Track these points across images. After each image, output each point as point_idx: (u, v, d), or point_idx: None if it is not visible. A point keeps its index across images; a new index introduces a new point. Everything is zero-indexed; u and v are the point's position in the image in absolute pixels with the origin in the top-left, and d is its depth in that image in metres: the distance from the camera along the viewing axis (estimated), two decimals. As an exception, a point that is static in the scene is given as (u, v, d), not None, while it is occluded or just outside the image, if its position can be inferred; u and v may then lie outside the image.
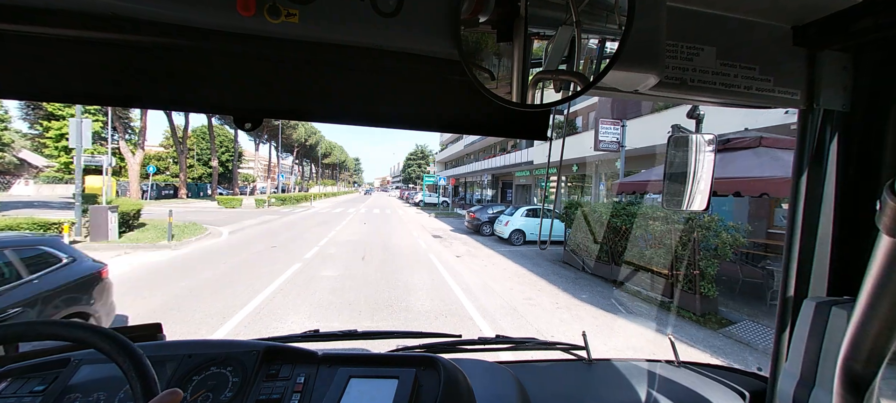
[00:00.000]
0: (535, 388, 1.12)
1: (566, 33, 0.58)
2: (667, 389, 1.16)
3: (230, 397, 0.81)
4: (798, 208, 0.92)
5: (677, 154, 0.94)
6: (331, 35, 0.58)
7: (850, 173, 0.86)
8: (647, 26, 0.59)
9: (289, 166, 60.63)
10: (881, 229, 0.36)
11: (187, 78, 0.61)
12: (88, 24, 0.53)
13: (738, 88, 0.80)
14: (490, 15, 0.58)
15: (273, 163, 53.95)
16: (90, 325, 0.61)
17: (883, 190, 0.35)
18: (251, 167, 47.54)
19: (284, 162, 63.15)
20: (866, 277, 0.42)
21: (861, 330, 0.46)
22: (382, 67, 0.65)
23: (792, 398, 0.78)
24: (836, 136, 0.87)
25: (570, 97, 0.59)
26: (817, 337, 0.75)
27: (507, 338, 1.33)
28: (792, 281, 0.94)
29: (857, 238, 0.86)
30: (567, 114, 0.94)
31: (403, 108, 0.70)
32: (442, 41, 0.59)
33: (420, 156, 74.82)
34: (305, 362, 0.90)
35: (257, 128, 0.69)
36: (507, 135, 0.76)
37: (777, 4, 0.77)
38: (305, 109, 0.66)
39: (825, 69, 0.83)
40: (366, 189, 66.20)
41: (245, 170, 58.88)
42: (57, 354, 0.92)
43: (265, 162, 54.19)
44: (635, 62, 0.60)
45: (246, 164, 59.98)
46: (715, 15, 0.78)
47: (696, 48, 0.77)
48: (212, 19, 0.54)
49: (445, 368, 0.84)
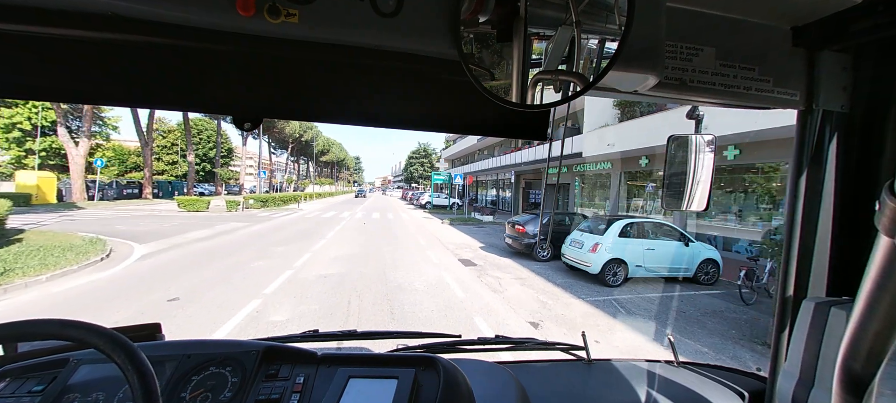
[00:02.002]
0: (535, 388, 1.12)
1: (566, 34, 0.58)
2: (666, 389, 1.16)
3: (229, 397, 0.81)
4: (797, 208, 0.92)
5: (677, 155, 0.95)
6: (331, 35, 0.58)
7: (849, 173, 0.86)
8: (647, 27, 0.59)
9: (283, 164, 56.63)
10: (880, 229, 0.36)
11: (186, 78, 0.61)
12: (88, 24, 0.53)
13: (738, 89, 0.80)
14: (490, 15, 0.58)
15: (263, 160, 51.21)
16: (89, 324, 0.61)
17: (882, 191, 0.35)
18: (242, 165, 46.39)
19: (279, 159, 59.77)
20: (865, 277, 0.42)
21: (860, 330, 0.46)
22: (382, 67, 0.65)
23: (791, 398, 0.78)
24: (835, 136, 0.87)
25: (570, 97, 0.59)
26: (816, 338, 0.76)
27: (506, 338, 1.33)
28: (791, 281, 0.94)
29: (856, 239, 0.86)
30: (567, 114, 0.94)
31: (403, 108, 0.70)
32: (442, 41, 0.59)
33: (422, 155, 73.23)
34: (305, 362, 0.90)
35: (257, 128, 0.69)
36: (507, 135, 0.77)
37: (776, 5, 0.78)
38: (305, 109, 0.66)
39: (824, 70, 0.83)
40: (358, 189, 55.56)
41: (235, 167, 54.78)
42: (56, 354, 0.91)
43: (255, 158, 50.30)
44: (635, 63, 0.60)
45: (238, 161, 55.86)
46: (714, 15, 0.78)
47: (695, 49, 0.77)
48: (211, 19, 0.54)
49: (445, 368, 0.84)
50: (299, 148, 59.72)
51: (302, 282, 6.71)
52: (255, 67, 0.63)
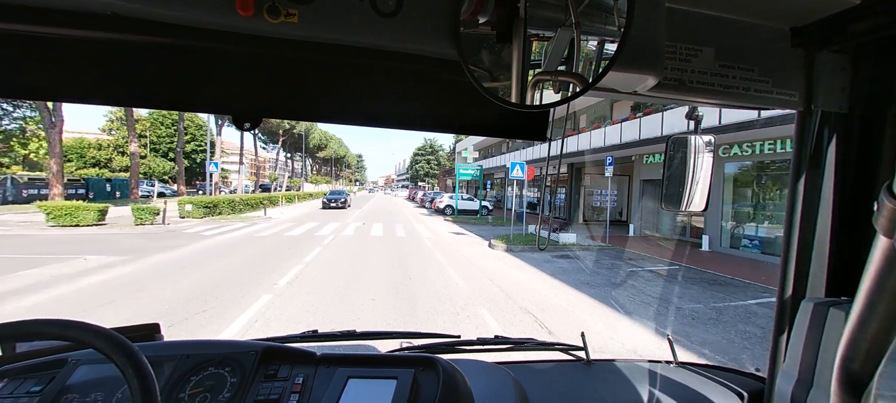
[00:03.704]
0: (534, 388, 1.12)
1: (565, 34, 0.59)
2: (665, 389, 1.16)
3: (228, 397, 0.81)
4: (796, 208, 0.92)
5: (676, 155, 0.95)
6: (330, 35, 0.58)
7: (848, 174, 0.86)
8: (646, 27, 0.59)
9: (274, 160, 50.24)
10: (878, 230, 0.36)
11: (186, 78, 0.61)
12: (87, 24, 0.53)
13: (737, 90, 0.80)
14: (489, 15, 0.58)
15: (254, 157, 45.78)
16: (88, 325, 0.61)
17: (880, 191, 0.35)
18: (229, 161, 41.76)
19: (270, 155, 53.39)
20: (864, 277, 0.42)
21: (859, 331, 0.46)
22: (382, 67, 0.65)
23: (790, 398, 0.78)
24: (834, 137, 0.87)
25: (570, 98, 0.60)
26: (815, 338, 0.76)
27: (505, 339, 1.33)
28: (790, 282, 0.94)
29: (855, 239, 0.86)
30: (567, 114, 0.94)
31: (402, 108, 0.70)
32: (441, 41, 0.59)
33: (429, 151, 70.04)
34: (304, 362, 0.90)
35: (256, 128, 0.69)
36: (506, 135, 0.77)
37: (775, 6, 0.78)
38: (305, 109, 0.66)
39: (823, 70, 0.83)
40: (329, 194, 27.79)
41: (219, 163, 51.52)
42: (54, 354, 0.91)
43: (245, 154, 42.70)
44: (634, 63, 0.60)
45: (225, 156, 49.73)
46: (714, 16, 0.78)
47: (694, 49, 0.77)
48: (211, 19, 0.54)
49: (444, 368, 0.84)
50: (292, 142, 52.36)
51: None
52: (254, 66, 0.63)
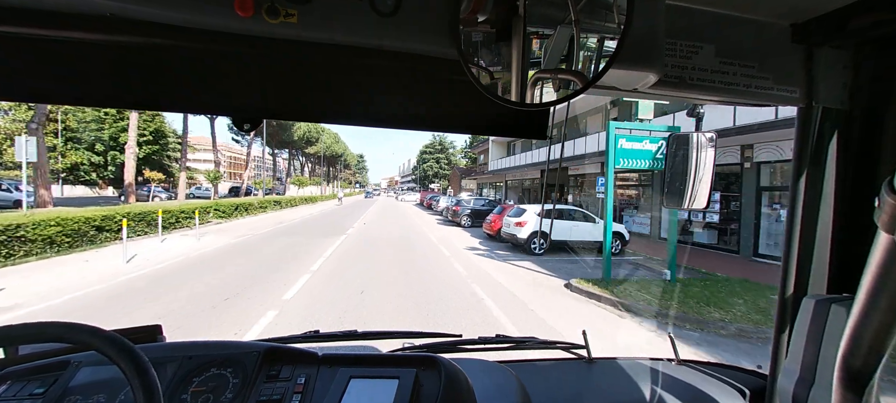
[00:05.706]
0: (536, 387, 1.12)
1: (565, 32, 0.58)
2: (667, 387, 1.16)
3: (231, 398, 0.81)
4: (797, 205, 0.92)
5: (678, 153, 0.95)
6: (329, 35, 0.58)
7: (849, 170, 0.86)
8: (646, 25, 0.58)
9: (247, 155, 41.81)
10: (879, 226, 0.36)
11: (185, 79, 0.61)
12: (86, 26, 0.53)
13: (738, 87, 0.80)
14: (489, 14, 0.58)
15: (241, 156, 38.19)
16: (91, 327, 0.61)
17: (881, 187, 0.35)
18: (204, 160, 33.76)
19: (255, 150, 44.22)
20: (865, 274, 0.42)
21: (860, 327, 0.46)
22: (381, 67, 0.65)
23: (792, 395, 0.78)
24: (835, 133, 0.87)
25: (570, 96, 0.59)
26: (817, 335, 0.75)
27: (507, 338, 1.33)
28: (791, 279, 0.94)
29: (856, 236, 0.86)
30: (567, 113, 0.94)
31: (402, 108, 0.70)
32: (440, 41, 0.59)
33: (438, 149, 65.72)
34: (306, 362, 0.90)
35: (256, 128, 0.69)
36: (507, 134, 0.77)
37: (776, 2, 0.77)
38: (304, 109, 0.66)
39: (824, 67, 0.83)
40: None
41: (194, 161, 42.71)
42: (57, 356, 0.91)
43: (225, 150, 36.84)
44: (634, 61, 0.60)
45: (196, 155, 43.92)
46: (714, 13, 0.77)
47: (695, 46, 0.77)
48: (209, 20, 0.54)
49: (446, 368, 0.84)
50: (278, 138, 44.98)
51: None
52: (254, 67, 0.63)
